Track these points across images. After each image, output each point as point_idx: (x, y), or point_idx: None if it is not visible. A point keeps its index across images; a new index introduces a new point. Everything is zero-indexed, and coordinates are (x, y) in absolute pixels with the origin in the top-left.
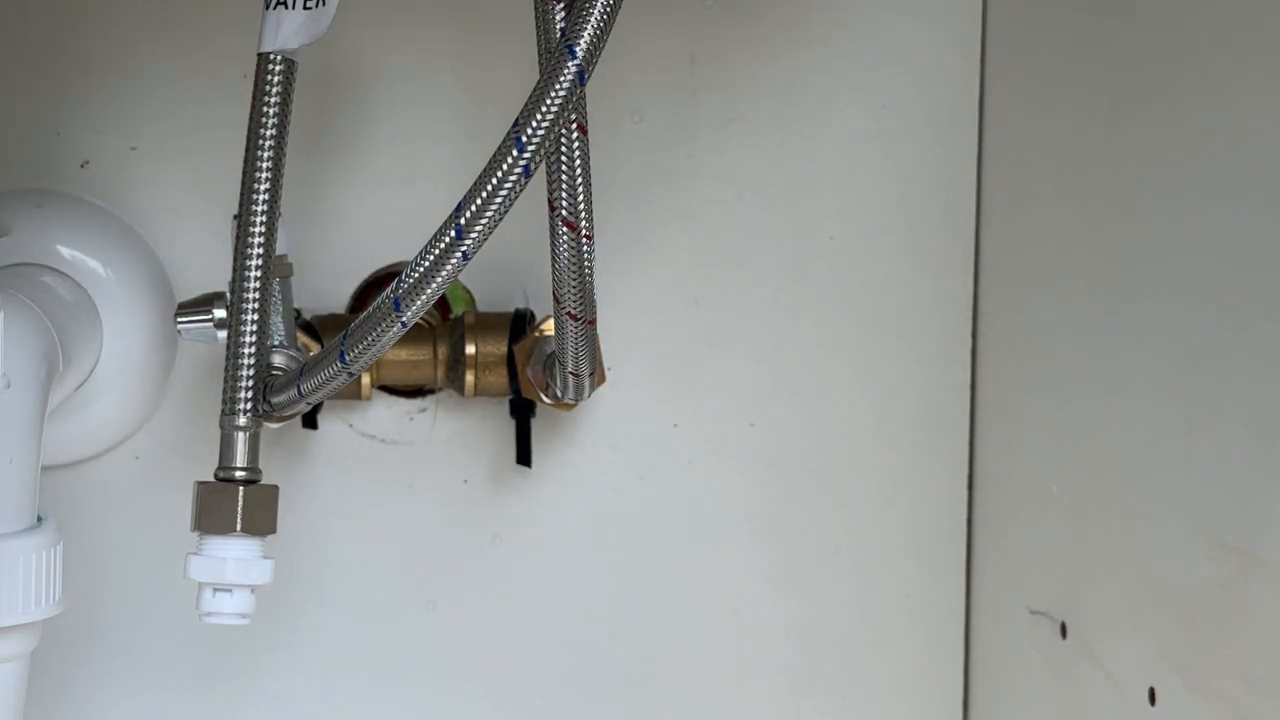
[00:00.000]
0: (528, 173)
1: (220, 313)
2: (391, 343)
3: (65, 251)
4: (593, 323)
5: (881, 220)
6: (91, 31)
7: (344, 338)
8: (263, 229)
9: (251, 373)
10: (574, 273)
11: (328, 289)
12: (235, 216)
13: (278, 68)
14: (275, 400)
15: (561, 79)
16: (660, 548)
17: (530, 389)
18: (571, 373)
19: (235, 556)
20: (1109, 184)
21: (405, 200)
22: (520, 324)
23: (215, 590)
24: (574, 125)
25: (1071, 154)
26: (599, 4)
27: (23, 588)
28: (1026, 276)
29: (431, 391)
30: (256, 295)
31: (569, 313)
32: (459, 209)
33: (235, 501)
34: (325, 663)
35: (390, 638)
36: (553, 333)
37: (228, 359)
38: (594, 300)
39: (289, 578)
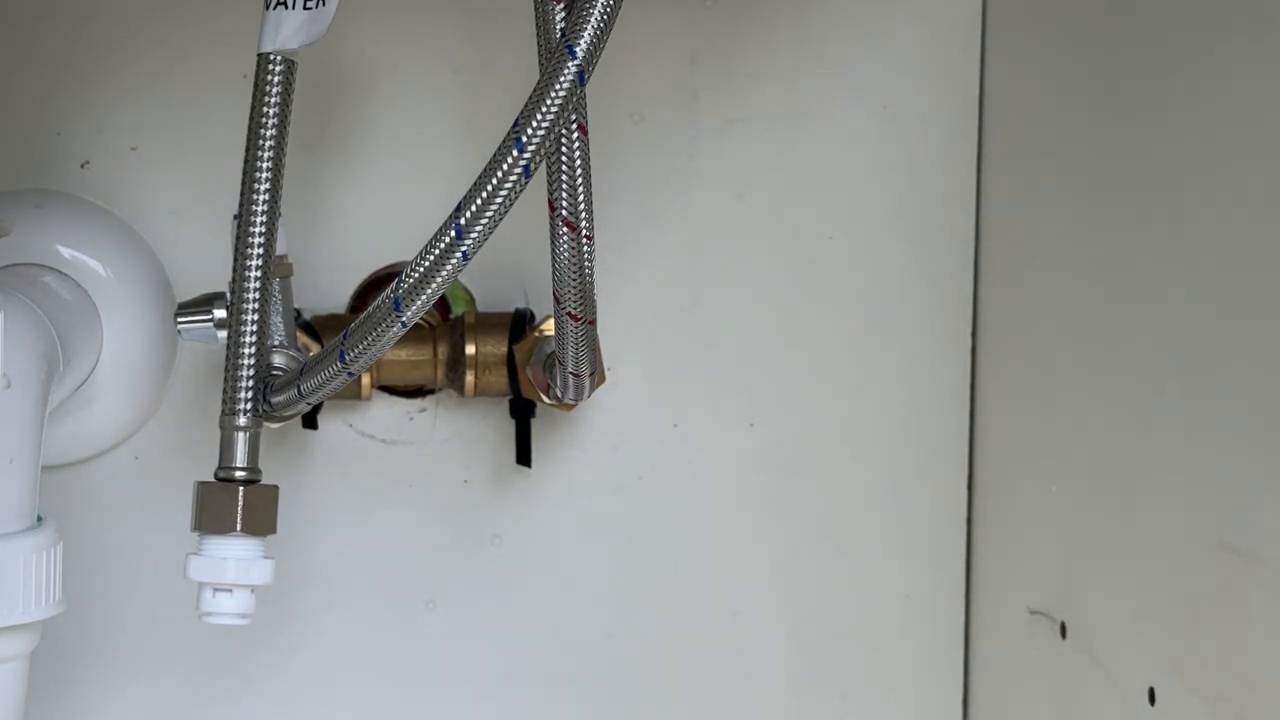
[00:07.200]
0: (528, 173)
1: (220, 313)
2: (391, 343)
3: (65, 251)
4: (593, 323)
5: (881, 220)
6: (91, 32)
7: (344, 338)
8: (263, 229)
9: (251, 373)
10: (574, 273)
11: (328, 289)
12: (235, 216)
13: (278, 68)
14: (275, 400)
15: (561, 79)
16: (660, 547)
17: (530, 389)
18: (571, 373)
19: (235, 556)
20: (1109, 183)
21: (405, 200)
22: (520, 324)
23: (215, 590)
24: (574, 125)
25: (1071, 153)
26: (599, 4)
27: (23, 588)
28: (1026, 276)
29: (431, 391)
30: (256, 295)
31: (569, 313)
32: (459, 209)
33: (235, 501)
34: (325, 662)
35: (390, 637)
36: (553, 333)
37: (228, 359)
38: (594, 300)
39: (289, 577)
